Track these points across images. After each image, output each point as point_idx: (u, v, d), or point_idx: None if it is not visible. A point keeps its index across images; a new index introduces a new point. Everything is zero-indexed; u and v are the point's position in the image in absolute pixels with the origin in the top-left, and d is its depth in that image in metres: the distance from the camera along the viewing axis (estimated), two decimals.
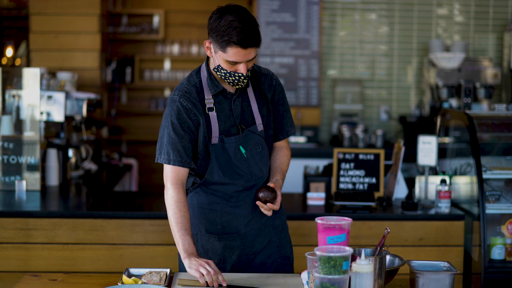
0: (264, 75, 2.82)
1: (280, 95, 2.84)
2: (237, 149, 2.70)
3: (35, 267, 3.56)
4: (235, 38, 2.49)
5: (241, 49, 2.52)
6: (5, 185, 4.18)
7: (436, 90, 6.33)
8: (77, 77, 5.58)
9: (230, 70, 2.58)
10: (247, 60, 2.56)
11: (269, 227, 2.82)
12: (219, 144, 2.68)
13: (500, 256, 3.63)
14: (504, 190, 3.87)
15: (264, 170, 2.78)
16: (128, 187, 5.79)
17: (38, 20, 5.79)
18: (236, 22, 2.50)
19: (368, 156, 3.92)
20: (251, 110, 2.74)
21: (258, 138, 2.75)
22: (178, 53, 8.14)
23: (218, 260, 2.76)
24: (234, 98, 2.71)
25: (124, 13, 8.11)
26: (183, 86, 2.71)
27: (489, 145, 4.09)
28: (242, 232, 2.77)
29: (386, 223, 3.66)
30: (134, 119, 8.26)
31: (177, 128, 2.65)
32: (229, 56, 2.54)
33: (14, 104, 4.24)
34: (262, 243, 2.80)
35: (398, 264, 2.46)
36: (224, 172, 2.71)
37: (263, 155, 2.77)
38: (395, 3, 6.87)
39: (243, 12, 2.55)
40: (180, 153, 2.65)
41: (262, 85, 2.78)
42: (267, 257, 2.81)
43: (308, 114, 6.82)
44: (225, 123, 2.70)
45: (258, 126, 2.74)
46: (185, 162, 2.66)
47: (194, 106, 2.66)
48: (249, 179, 2.73)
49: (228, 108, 2.71)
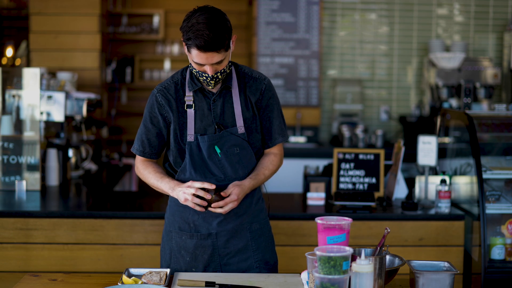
0: (254, 78, 2.80)
1: (270, 101, 2.80)
2: (212, 149, 2.71)
3: (35, 267, 3.56)
4: (194, 42, 2.52)
5: (202, 53, 2.54)
6: (5, 185, 4.18)
7: (436, 90, 6.33)
8: (77, 77, 5.58)
9: (199, 69, 2.62)
10: (211, 63, 2.57)
11: (245, 230, 2.80)
12: (194, 142, 2.71)
13: (500, 256, 3.63)
14: (504, 190, 3.87)
15: (241, 172, 2.75)
16: (128, 187, 5.79)
17: (38, 20, 5.79)
18: (200, 25, 2.51)
19: (368, 156, 3.92)
20: (233, 112, 2.74)
21: (238, 140, 2.73)
22: (178, 53, 8.14)
23: (190, 258, 2.79)
24: (214, 98, 2.72)
25: (124, 13, 8.11)
26: (165, 82, 2.79)
27: (489, 145, 4.09)
28: (214, 232, 2.77)
29: (386, 223, 3.66)
30: (134, 119, 8.26)
31: (147, 120, 2.78)
32: (193, 57, 2.58)
33: (14, 104, 4.24)
34: (236, 246, 2.79)
35: (398, 264, 2.46)
36: (196, 170, 2.73)
37: (243, 157, 2.75)
38: (395, 3, 6.87)
39: (211, 14, 2.54)
40: (143, 144, 2.80)
41: (249, 88, 2.77)
42: (243, 261, 2.80)
43: (308, 114, 6.82)
44: (201, 121, 2.72)
45: (239, 128, 2.73)
46: (146, 153, 2.81)
47: (168, 102, 2.73)
48: (222, 179, 2.73)
49: (207, 107, 2.72)
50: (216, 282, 2.49)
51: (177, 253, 2.82)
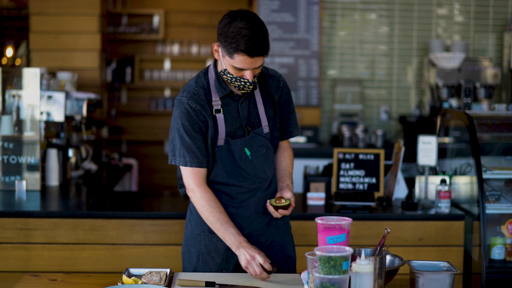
0: (272, 76, 2.80)
1: (286, 96, 2.83)
2: (242, 151, 2.70)
3: (35, 267, 3.56)
4: (243, 47, 2.47)
5: (248, 57, 2.50)
6: (5, 185, 4.18)
7: (436, 90, 6.33)
8: (77, 77, 5.58)
9: (236, 75, 2.57)
10: (254, 67, 2.55)
11: (272, 227, 2.82)
12: (224, 146, 2.68)
13: (500, 256, 3.63)
14: (504, 190, 3.87)
15: (269, 172, 2.77)
16: (128, 187, 5.79)
17: (38, 20, 5.79)
18: (246, 30, 2.48)
19: (368, 156, 3.92)
20: (257, 112, 2.73)
21: (263, 140, 2.74)
22: (178, 53, 8.14)
23: (221, 260, 2.76)
24: (241, 101, 2.70)
25: (124, 13, 8.11)
26: (191, 88, 2.69)
27: (489, 145, 4.09)
28: (245, 232, 2.75)
29: (386, 223, 3.66)
30: (134, 119, 8.26)
31: (189, 130, 2.64)
32: (236, 62, 2.52)
33: (14, 104, 4.24)
34: (264, 243, 2.80)
35: (398, 264, 2.46)
36: (228, 173, 2.70)
37: (268, 157, 2.76)
38: (395, 3, 6.87)
39: (253, 19, 2.52)
40: (195, 154, 2.65)
41: (270, 87, 2.77)
42: (269, 257, 2.79)
43: (308, 114, 6.82)
44: (231, 125, 2.69)
45: (264, 128, 2.74)
46: (202, 162, 2.66)
47: (202, 107, 2.65)
48: (253, 181, 2.73)
49: (235, 110, 2.69)
50: (216, 282, 2.49)
51: (206, 256, 2.77)
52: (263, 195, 2.77)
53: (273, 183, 2.83)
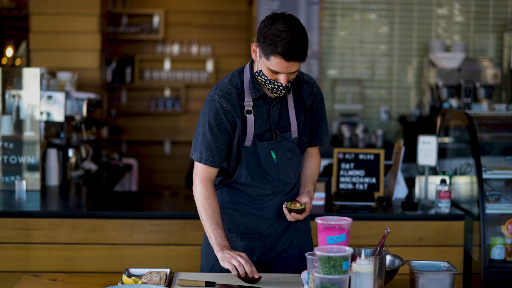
0: (306, 82, 2.76)
1: (319, 103, 2.79)
2: (268, 154, 2.68)
3: (35, 267, 3.56)
4: (280, 49, 2.45)
5: (284, 61, 2.47)
6: (5, 185, 4.18)
7: (436, 90, 6.33)
8: (77, 77, 5.58)
9: (271, 78, 2.55)
10: (289, 72, 2.52)
11: (292, 229, 2.81)
12: (251, 147, 2.67)
13: (500, 256, 3.63)
14: (504, 190, 3.87)
15: (293, 176, 2.75)
16: (128, 187, 5.79)
17: (38, 20, 5.79)
18: (286, 33, 2.47)
19: (368, 156, 3.92)
20: (288, 117, 2.71)
21: (290, 145, 2.72)
22: (178, 53, 8.14)
23: None
24: (273, 104, 2.67)
25: (124, 13, 8.11)
26: (225, 86, 2.67)
27: (489, 145, 4.09)
28: (265, 234, 2.75)
29: (386, 223, 3.66)
30: (134, 119, 8.26)
31: (214, 128, 2.63)
32: (271, 65, 2.50)
33: (14, 104, 4.24)
34: (283, 245, 2.79)
35: (398, 264, 2.46)
36: (252, 175, 2.69)
37: (293, 162, 2.74)
38: (395, 3, 6.87)
39: (295, 23, 2.51)
40: (213, 153, 2.64)
41: (303, 93, 2.74)
42: (288, 258, 2.80)
43: None
44: (260, 127, 2.67)
45: (293, 133, 2.71)
46: (216, 162, 2.66)
47: (233, 108, 2.64)
48: (276, 184, 2.72)
49: (266, 113, 2.67)
50: (216, 282, 2.49)
51: None
52: (285, 198, 2.76)
53: (296, 187, 2.82)
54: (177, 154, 8.32)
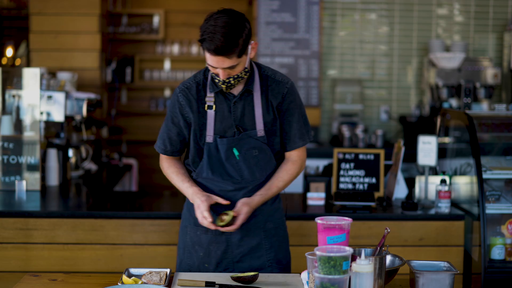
0: (277, 82, 2.76)
1: (291, 104, 2.78)
2: (230, 151, 2.72)
3: (35, 267, 3.56)
4: (206, 44, 2.52)
5: (214, 56, 2.54)
6: (5, 185, 4.18)
7: (436, 90, 6.33)
8: (77, 77, 5.58)
9: (213, 72, 2.62)
10: (221, 67, 2.56)
11: (259, 229, 2.81)
12: (213, 143, 2.72)
13: (500, 256, 3.63)
14: (504, 190, 3.87)
15: (258, 175, 2.77)
16: (128, 187, 5.79)
17: (38, 20, 5.79)
18: (213, 27, 2.50)
19: (368, 156, 3.92)
20: (253, 115, 2.73)
21: (257, 143, 2.74)
22: (178, 53, 8.14)
23: (203, 254, 2.81)
24: (235, 100, 2.71)
25: (124, 13, 8.11)
26: (188, 81, 2.78)
27: (489, 145, 4.09)
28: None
29: (386, 223, 3.66)
30: (134, 119, 8.26)
31: (169, 119, 2.80)
32: (207, 59, 2.58)
33: (14, 104, 4.24)
34: (249, 244, 2.80)
35: (398, 264, 2.46)
36: (213, 170, 2.75)
37: (260, 160, 2.75)
38: (395, 3, 6.86)
39: (228, 19, 2.52)
40: (165, 143, 2.83)
41: (271, 92, 2.75)
42: (256, 259, 2.81)
43: (308, 114, 6.68)
44: (221, 123, 2.71)
45: (259, 131, 2.73)
46: (168, 151, 2.84)
47: (188, 102, 2.72)
48: (238, 181, 2.75)
49: (227, 109, 2.71)
50: (216, 282, 2.49)
51: (191, 249, 2.84)
52: (248, 195, 2.77)
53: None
54: None
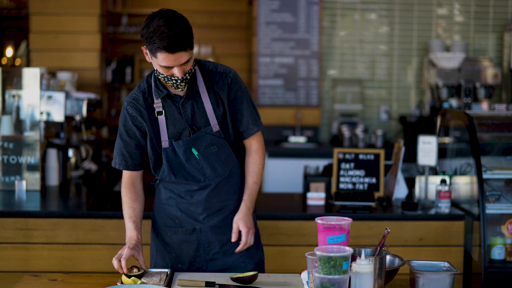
0: (219, 74, 2.76)
1: (238, 93, 2.77)
2: (189, 152, 2.72)
3: (35, 267, 3.56)
4: (161, 44, 2.48)
5: (169, 54, 2.50)
6: (5, 185, 4.18)
7: (436, 90, 6.33)
8: (77, 77, 5.58)
9: (167, 74, 2.58)
10: (179, 64, 2.54)
11: (229, 225, 2.82)
12: (169, 147, 2.72)
13: (500, 256, 3.63)
14: (504, 190, 3.87)
15: (221, 169, 2.77)
16: None
17: (38, 20, 5.79)
18: (163, 27, 2.49)
19: (368, 156, 3.92)
20: (204, 112, 2.72)
21: (214, 139, 2.73)
22: None
23: (176, 254, 2.83)
24: (182, 101, 2.70)
25: (124, 13, 8.11)
26: (134, 92, 2.76)
27: (489, 145, 4.09)
28: (198, 227, 2.80)
29: (386, 223, 3.66)
30: None
31: (123, 134, 2.77)
32: (160, 61, 2.54)
33: (14, 104, 4.24)
34: (220, 241, 2.81)
35: (398, 264, 2.46)
36: (175, 174, 2.76)
37: (221, 155, 2.75)
38: (395, 3, 6.87)
39: (171, 16, 2.53)
40: (125, 158, 2.80)
41: (216, 85, 2.74)
42: (228, 256, 2.82)
43: (308, 114, 6.82)
44: (174, 126, 2.71)
45: (213, 127, 2.73)
46: (130, 165, 2.81)
47: (139, 113, 2.72)
48: (201, 180, 2.76)
49: (177, 111, 2.71)
50: (216, 282, 2.49)
51: (163, 250, 2.86)
52: (214, 193, 2.78)
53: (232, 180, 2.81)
54: None
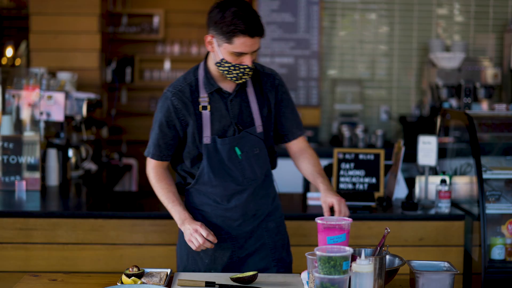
0: (267, 75, 2.77)
1: (283, 95, 2.78)
2: (232, 150, 2.66)
3: (35, 267, 3.56)
4: (243, 26, 2.49)
5: (249, 38, 2.50)
6: (5, 185, 4.18)
7: (436, 90, 6.33)
8: (77, 77, 5.58)
9: (235, 62, 2.55)
10: (253, 50, 2.54)
11: (262, 229, 2.79)
12: (211, 144, 2.66)
13: (500, 256, 3.63)
14: (504, 190, 3.87)
15: (259, 173, 2.73)
16: (128, 187, 5.79)
17: (38, 20, 5.79)
18: (241, 12, 2.51)
19: (368, 156, 3.92)
20: (250, 111, 2.70)
21: (256, 140, 2.70)
22: (178, 53, 8.14)
23: (209, 261, 2.76)
24: (231, 98, 2.67)
25: (124, 13, 8.10)
26: (178, 83, 2.70)
27: (489, 145, 4.09)
28: (233, 235, 2.75)
29: (386, 223, 3.66)
30: (134, 119, 8.26)
31: (163, 125, 2.69)
32: (236, 46, 2.52)
33: (14, 104, 4.24)
34: (253, 246, 2.78)
35: (398, 264, 2.46)
36: (214, 173, 2.68)
37: (260, 157, 2.72)
38: (395, 3, 6.87)
39: (245, 3, 2.56)
40: (161, 149, 2.72)
41: (264, 85, 2.73)
42: (260, 260, 2.79)
43: (308, 114, 6.81)
44: (219, 122, 2.66)
45: (257, 127, 2.70)
46: (164, 156, 2.74)
47: (184, 106, 2.66)
48: (240, 181, 2.70)
49: (224, 107, 2.67)
50: (216, 282, 2.49)
51: (195, 255, 2.79)
52: (251, 197, 2.74)
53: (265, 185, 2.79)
54: None
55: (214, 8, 2.57)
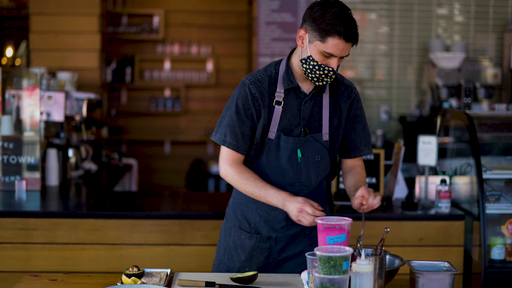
0: (346, 86, 2.71)
1: (357, 111, 2.72)
2: (293, 152, 2.61)
3: (35, 267, 3.56)
4: (341, 28, 2.46)
5: (343, 42, 2.47)
6: (5, 185, 4.18)
7: (436, 90, 6.33)
8: (77, 77, 5.58)
9: (322, 62, 2.50)
10: (342, 55, 2.50)
11: (304, 236, 2.75)
12: (275, 140, 2.60)
13: (500, 256, 3.63)
14: (504, 190, 3.87)
15: (314, 180, 2.68)
16: (128, 187, 5.79)
17: (38, 20, 5.79)
18: (344, 14, 2.50)
19: (368, 156, 3.92)
20: (321, 117, 2.64)
21: (320, 147, 2.64)
22: (178, 53, 8.14)
23: (246, 258, 2.73)
24: (306, 99, 2.62)
25: (124, 13, 8.11)
26: (258, 73, 2.65)
27: (489, 145, 4.09)
28: (273, 236, 2.72)
29: (386, 223, 3.66)
30: (134, 119, 8.26)
31: (241, 112, 2.60)
32: (327, 46, 2.47)
33: (14, 104, 4.24)
34: (293, 251, 2.74)
35: (398, 264, 2.46)
36: (269, 170, 2.63)
37: (319, 166, 2.67)
38: (395, 3, 6.87)
39: (347, 8, 2.56)
40: (237, 138, 2.60)
41: (340, 95, 2.68)
42: (298, 266, 2.74)
43: None
44: (288, 121, 2.61)
45: (324, 135, 2.64)
46: (240, 148, 2.61)
47: (261, 95, 2.60)
48: (293, 184, 2.65)
49: (297, 107, 2.61)
50: (216, 282, 2.49)
51: (232, 251, 2.75)
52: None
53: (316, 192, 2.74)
54: (177, 154, 8.33)
55: (315, 5, 2.55)
